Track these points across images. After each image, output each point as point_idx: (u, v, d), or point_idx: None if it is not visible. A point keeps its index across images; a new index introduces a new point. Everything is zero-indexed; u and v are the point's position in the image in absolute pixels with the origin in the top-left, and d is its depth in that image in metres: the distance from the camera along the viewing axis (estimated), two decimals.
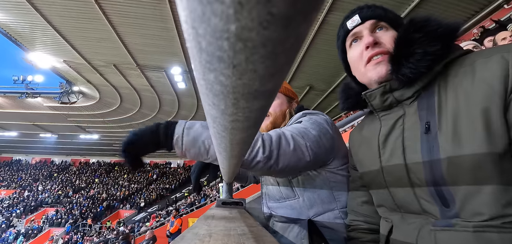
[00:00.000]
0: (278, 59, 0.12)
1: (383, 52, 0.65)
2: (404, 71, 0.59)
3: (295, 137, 0.75)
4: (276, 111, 1.03)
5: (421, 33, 0.58)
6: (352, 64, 0.74)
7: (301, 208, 0.88)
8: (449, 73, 0.57)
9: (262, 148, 0.69)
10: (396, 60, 0.61)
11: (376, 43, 0.66)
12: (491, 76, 0.50)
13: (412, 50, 0.59)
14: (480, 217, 0.49)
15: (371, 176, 0.71)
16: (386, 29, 0.68)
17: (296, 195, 0.89)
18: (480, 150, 0.48)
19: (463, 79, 0.54)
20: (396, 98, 0.64)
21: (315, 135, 0.79)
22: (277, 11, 0.09)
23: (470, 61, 0.55)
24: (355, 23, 0.70)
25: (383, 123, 0.68)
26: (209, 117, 0.22)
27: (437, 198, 0.55)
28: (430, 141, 0.55)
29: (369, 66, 0.67)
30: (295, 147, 0.73)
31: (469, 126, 0.50)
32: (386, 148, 0.65)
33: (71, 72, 11.90)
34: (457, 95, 0.53)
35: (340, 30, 0.76)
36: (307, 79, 10.39)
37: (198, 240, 0.43)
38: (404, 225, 0.63)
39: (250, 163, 0.69)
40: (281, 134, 0.74)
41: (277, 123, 1.03)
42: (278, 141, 0.71)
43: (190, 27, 0.11)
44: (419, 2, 6.25)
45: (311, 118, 0.87)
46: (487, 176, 0.48)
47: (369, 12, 0.69)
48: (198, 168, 0.93)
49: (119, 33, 8.48)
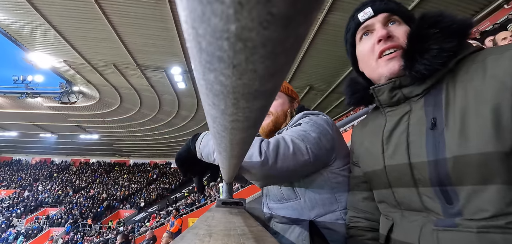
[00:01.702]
0: (278, 59, 0.12)
1: (396, 46, 0.63)
2: (418, 68, 0.57)
3: (294, 140, 0.76)
4: (278, 111, 1.04)
5: (436, 28, 0.57)
6: (362, 58, 0.72)
7: (302, 209, 0.88)
8: (459, 70, 0.56)
9: (259, 153, 0.70)
10: (409, 56, 0.60)
11: (389, 37, 0.64)
12: (503, 73, 0.49)
13: (427, 46, 0.57)
14: (484, 214, 0.48)
15: (373, 172, 0.70)
16: (399, 23, 0.66)
17: (297, 196, 0.89)
18: (488, 149, 0.47)
19: (473, 76, 0.53)
20: (404, 94, 0.63)
21: (314, 137, 0.79)
22: (277, 11, 0.09)
23: (481, 57, 0.54)
24: (367, 16, 0.68)
25: (389, 119, 0.66)
26: (209, 117, 0.22)
27: (441, 196, 0.54)
28: (436, 137, 0.54)
29: (381, 62, 0.65)
30: (294, 150, 0.74)
31: (478, 123, 0.49)
32: (390, 144, 0.64)
33: (71, 72, 11.90)
34: (467, 92, 0.52)
35: (350, 23, 0.74)
36: (307, 79, 10.39)
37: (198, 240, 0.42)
38: (405, 223, 0.62)
39: (247, 169, 0.72)
40: (280, 138, 0.76)
41: (279, 122, 1.04)
42: (276, 145, 0.73)
43: (190, 27, 0.11)
44: (419, 2, 6.25)
45: (311, 119, 0.87)
46: (494, 175, 0.47)
47: (382, 5, 0.68)
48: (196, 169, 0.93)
49: (119, 33, 8.48)
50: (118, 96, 14.14)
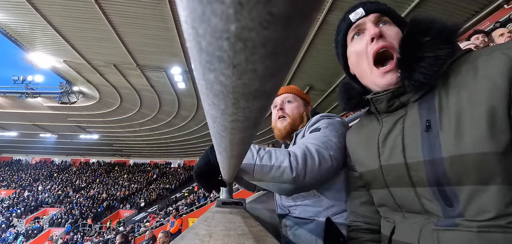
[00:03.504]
0: (278, 59, 0.12)
1: (387, 46, 0.64)
2: (417, 77, 0.58)
3: (319, 150, 0.80)
4: (294, 114, 1.09)
5: (429, 36, 0.58)
6: (354, 59, 0.72)
7: (319, 207, 0.90)
8: (451, 72, 0.57)
9: (290, 169, 0.74)
10: (405, 66, 0.61)
11: (381, 36, 0.65)
12: (493, 73, 0.50)
13: (422, 54, 0.58)
14: (485, 215, 0.48)
15: (370, 175, 0.71)
16: (390, 24, 0.68)
17: (315, 194, 0.91)
18: (484, 149, 0.48)
19: (465, 77, 0.54)
20: (402, 102, 0.64)
21: (335, 142, 0.84)
22: (277, 11, 0.09)
23: (472, 59, 0.55)
24: (358, 16, 0.70)
25: (384, 124, 0.67)
26: (209, 117, 0.22)
27: (440, 198, 0.54)
28: (431, 139, 0.55)
29: (377, 72, 0.66)
30: (320, 160, 0.78)
31: (473, 124, 0.49)
32: (386, 147, 0.65)
33: (71, 72, 11.90)
34: (460, 94, 0.53)
35: (341, 24, 0.75)
36: (307, 79, 10.39)
37: (198, 240, 0.43)
38: (405, 225, 0.62)
39: (278, 187, 0.77)
40: (306, 150, 0.79)
41: (295, 124, 1.08)
42: (304, 160, 0.77)
43: (190, 27, 0.11)
44: (419, 2, 6.24)
45: (329, 123, 0.91)
46: (492, 175, 0.48)
47: (373, 6, 0.70)
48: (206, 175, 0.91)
49: (119, 33, 8.47)
50: (118, 96, 14.13)
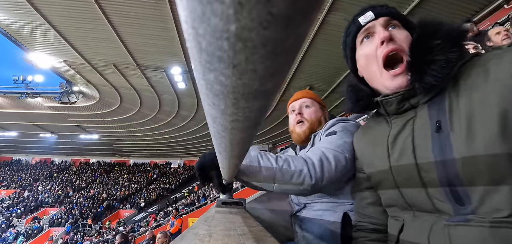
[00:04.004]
0: (278, 59, 0.12)
1: (397, 50, 0.65)
2: (428, 79, 0.58)
3: (335, 155, 0.83)
4: (312, 118, 1.14)
5: (439, 39, 0.59)
6: (363, 62, 0.72)
7: (336, 203, 0.93)
8: (461, 75, 0.57)
9: (310, 177, 0.78)
10: (416, 69, 0.61)
11: (391, 39, 0.66)
12: (505, 76, 0.50)
13: (432, 58, 0.58)
14: (499, 214, 0.48)
15: (379, 176, 0.71)
16: (399, 28, 0.68)
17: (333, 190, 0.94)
18: (496, 150, 0.48)
19: (476, 80, 0.54)
20: (412, 104, 0.64)
21: (350, 143, 0.88)
22: (277, 11, 0.09)
23: (483, 61, 0.55)
24: (368, 19, 0.70)
25: (394, 125, 0.67)
26: (209, 117, 0.22)
27: (452, 199, 0.54)
28: (442, 140, 0.55)
29: (386, 75, 0.66)
30: (336, 163, 0.82)
31: (485, 126, 0.50)
32: (395, 148, 0.65)
33: (71, 72, 11.89)
34: (471, 96, 0.53)
35: (350, 27, 0.75)
36: (307, 79, 10.38)
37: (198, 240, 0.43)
38: (415, 223, 0.62)
39: (298, 192, 0.82)
40: (322, 156, 0.82)
41: (314, 128, 1.13)
42: (321, 166, 0.80)
43: (190, 27, 0.11)
44: (419, 2, 6.24)
45: (344, 127, 0.96)
46: (505, 175, 0.48)
47: (383, 10, 0.70)
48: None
49: (119, 33, 8.47)
50: (118, 96, 14.12)
